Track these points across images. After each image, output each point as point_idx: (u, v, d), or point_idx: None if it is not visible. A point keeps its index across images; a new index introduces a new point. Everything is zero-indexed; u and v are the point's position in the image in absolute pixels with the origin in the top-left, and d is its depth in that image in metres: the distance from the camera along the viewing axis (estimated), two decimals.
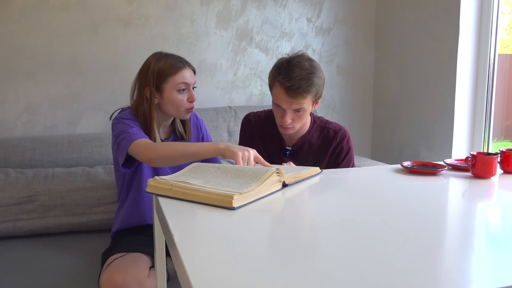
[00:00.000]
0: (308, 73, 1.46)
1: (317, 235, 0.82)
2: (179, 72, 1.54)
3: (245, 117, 1.71)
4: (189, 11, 2.58)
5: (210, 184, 1.03)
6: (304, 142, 1.63)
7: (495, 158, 1.26)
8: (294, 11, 2.80)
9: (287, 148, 1.63)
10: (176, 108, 1.56)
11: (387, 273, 0.64)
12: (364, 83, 3.02)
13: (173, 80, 1.53)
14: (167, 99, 1.55)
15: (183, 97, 1.55)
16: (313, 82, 1.46)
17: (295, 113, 1.50)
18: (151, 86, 1.54)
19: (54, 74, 2.40)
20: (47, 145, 2.17)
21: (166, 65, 1.55)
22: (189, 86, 1.57)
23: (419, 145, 2.64)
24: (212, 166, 1.18)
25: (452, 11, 2.33)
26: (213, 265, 0.67)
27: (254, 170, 1.10)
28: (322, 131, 1.64)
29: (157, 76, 1.54)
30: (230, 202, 0.93)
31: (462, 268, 0.69)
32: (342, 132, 1.64)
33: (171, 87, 1.54)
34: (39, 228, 1.94)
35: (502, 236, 0.83)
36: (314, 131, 1.64)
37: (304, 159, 1.62)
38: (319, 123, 1.66)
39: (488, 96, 2.34)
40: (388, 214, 0.93)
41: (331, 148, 1.62)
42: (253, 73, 2.76)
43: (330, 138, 1.63)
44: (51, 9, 2.35)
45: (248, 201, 0.98)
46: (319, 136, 1.64)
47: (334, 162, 1.63)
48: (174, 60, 1.57)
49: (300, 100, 1.46)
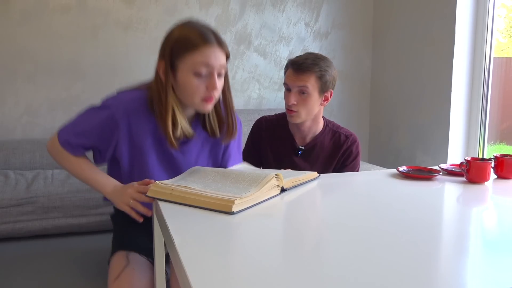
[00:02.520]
0: (317, 57, 1.56)
1: (314, 240, 0.84)
2: (200, 49, 1.15)
3: (258, 121, 1.76)
4: (188, 15, 2.60)
5: (210, 188, 1.05)
6: (316, 143, 1.67)
7: (488, 163, 1.28)
8: (292, 16, 2.82)
9: (299, 148, 1.66)
10: (190, 95, 1.19)
11: (382, 277, 0.66)
12: (361, 87, 3.05)
13: (191, 58, 1.16)
14: (180, 81, 1.19)
15: (199, 83, 1.18)
16: (319, 64, 1.55)
17: (299, 95, 1.56)
18: (166, 61, 1.19)
19: (54, 76, 2.41)
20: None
21: (188, 35, 1.17)
22: (213, 70, 1.18)
23: (415, 149, 2.66)
24: (211, 170, 1.20)
25: (448, 15, 2.35)
26: (214, 269, 0.68)
27: (253, 175, 1.12)
28: (334, 135, 1.69)
29: (174, 49, 1.18)
30: (230, 207, 0.95)
31: (457, 272, 0.71)
32: (353, 137, 1.70)
33: (188, 67, 1.17)
34: (38, 230, 1.96)
35: (496, 241, 0.85)
36: (326, 134, 1.69)
37: (315, 160, 1.66)
38: (331, 127, 1.72)
39: (484, 100, 2.37)
40: (384, 219, 0.95)
41: (341, 151, 1.67)
42: (252, 77, 2.78)
43: (341, 142, 1.68)
44: (52, 12, 2.36)
45: (247, 205, 1.00)
46: (330, 139, 1.68)
47: (341, 165, 1.68)
48: (201, 31, 1.18)
49: (305, 76, 1.53)
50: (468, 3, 2.33)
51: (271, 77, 2.82)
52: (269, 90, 2.82)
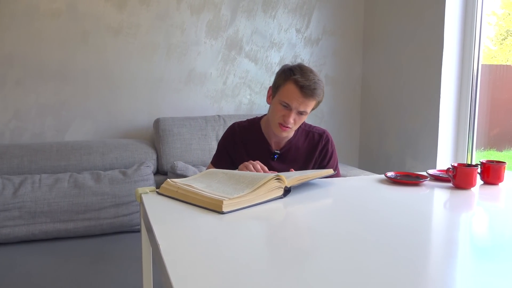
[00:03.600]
0: (319, 79, 1.55)
1: (301, 245, 0.84)
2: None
3: (230, 127, 1.74)
4: (179, 20, 2.60)
5: (210, 188, 1.10)
6: (291, 146, 1.67)
7: (475, 169, 1.29)
8: (283, 22, 2.84)
9: (275, 152, 1.66)
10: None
11: (369, 283, 0.66)
12: (352, 93, 3.07)
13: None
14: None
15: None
16: (322, 89, 1.56)
17: (298, 115, 1.55)
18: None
19: (44, 81, 2.40)
20: (35, 152, 2.17)
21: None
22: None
23: (405, 155, 2.68)
24: (222, 172, 1.25)
25: (436, 23, 2.38)
26: (199, 276, 0.68)
27: (254, 176, 1.15)
28: (308, 135, 1.69)
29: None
30: (220, 207, 0.99)
31: (445, 277, 0.71)
32: (326, 135, 1.71)
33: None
34: (25, 235, 1.94)
35: (483, 246, 0.86)
36: (299, 135, 1.69)
37: (292, 162, 1.66)
38: (303, 127, 1.71)
39: (472, 107, 2.39)
40: (371, 225, 0.96)
41: (317, 151, 1.68)
42: (243, 82, 2.79)
43: (316, 141, 1.69)
44: (42, 17, 2.36)
45: (240, 206, 1.03)
46: (305, 140, 1.69)
47: (320, 165, 1.68)
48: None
49: (310, 101, 1.53)
50: (456, 11, 2.36)
51: (262, 83, 2.83)
52: (260, 95, 2.83)
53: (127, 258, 1.80)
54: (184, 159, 2.38)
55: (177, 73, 2.64)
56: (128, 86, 2.55)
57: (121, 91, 2.54)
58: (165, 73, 2.61)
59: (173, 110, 2.64)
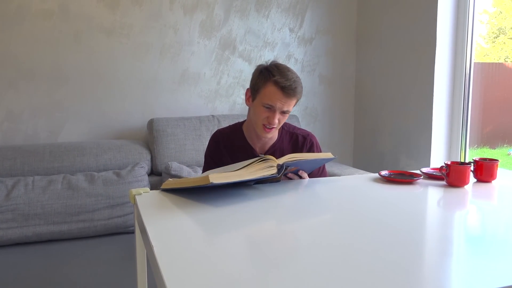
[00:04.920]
0: (297, 76, 1.55)
1: (295, 244, 0.84)
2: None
3: (213, 136, 1.72)
4: (172, 20, 2.60)
5: None
6: (276, 149, 1.65)
7: (468, 167, 1.30)
8: (276, 21, 2.84)
9: (260, 156, 1.65)
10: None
11: (363, 282, 0.66)
12: (345, 92, 3.07)
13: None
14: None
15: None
16: (302, 86, 1.55)
17: (281, 115, 1.54)
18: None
19: (36, 82, 2.38)
20: (28, 154, 2.15)
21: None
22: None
23: (399, 153, 2.69)
24: (218, 169, 1.35)
25: (429, 21, 2.39)
26: (193, 277, 0.68)
27: (247, 162, 1.23)
28: (292, 137, 1.68)
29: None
30: (207, 179, 1.05)
31: (439, 274, 0.71)
32: (310, 138, 1.69)
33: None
34: (19, 237, 1.92)
35: (476, 243, 0.86)
36: (284, 137, 1.67)
37: None
38: (287, 129, 1.70)
39: (465, 105, 2.40)
40: (364, 223, 0.96)
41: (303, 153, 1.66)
42: (236, 82, 2.79)
43: (300, 144, 1.67)
44: (34, 18, 2.34)
45: (228, 180, 1.10)
46: (289, 142, 1.67)
47: None
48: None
49: (292, 100, 1.52)
50: (448, 10, 2.37)
51: None
52: None
53: (121, 259, 1.79)
54: (179, 159, 2.37)
55: (171, 73, 2.63)
56: (122, 86, 2.54)
57: (115, 92, 2.53)
58: (158, 73, 2.60)
59: (167, 111, 2.64)
